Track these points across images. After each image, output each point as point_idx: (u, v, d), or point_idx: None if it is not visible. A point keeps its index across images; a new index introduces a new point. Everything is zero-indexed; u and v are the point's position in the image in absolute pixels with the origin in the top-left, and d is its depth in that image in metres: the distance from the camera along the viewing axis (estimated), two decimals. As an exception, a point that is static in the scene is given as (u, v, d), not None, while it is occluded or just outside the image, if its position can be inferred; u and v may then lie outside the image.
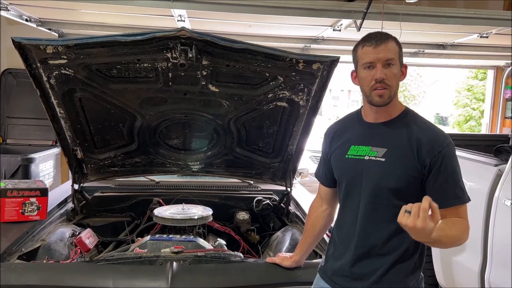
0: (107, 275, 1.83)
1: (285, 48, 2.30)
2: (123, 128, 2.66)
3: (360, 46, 1.62)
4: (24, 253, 2.15)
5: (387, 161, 1.59)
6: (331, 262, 1.76)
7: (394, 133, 1.62)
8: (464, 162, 3.30)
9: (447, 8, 3.60)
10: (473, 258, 2.98)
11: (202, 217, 2.59)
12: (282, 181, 3.01)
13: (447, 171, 1.56)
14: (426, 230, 1.31)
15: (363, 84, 1.62)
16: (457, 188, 1.57)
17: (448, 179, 1.56)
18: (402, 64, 1.63)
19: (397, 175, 1.57)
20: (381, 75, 1.56)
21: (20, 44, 2.05)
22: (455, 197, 1.57)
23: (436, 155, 1.55)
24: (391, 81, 1.57)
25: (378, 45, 1.56)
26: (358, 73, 1.65)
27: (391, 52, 1.57)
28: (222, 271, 1.93)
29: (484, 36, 4.31)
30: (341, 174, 1.73)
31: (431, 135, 1.59)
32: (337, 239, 1.76)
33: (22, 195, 2.44)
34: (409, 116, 1.66)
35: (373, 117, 1.68)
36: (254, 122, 2.67)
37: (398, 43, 1.62)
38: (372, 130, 1.68)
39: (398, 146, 1.59)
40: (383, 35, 1.60)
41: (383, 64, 1.56)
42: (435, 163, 1.55)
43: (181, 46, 2.03)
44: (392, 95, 1.60)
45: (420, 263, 1.66)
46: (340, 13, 3.50)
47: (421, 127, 1.62)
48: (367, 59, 1.58)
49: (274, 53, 2.13)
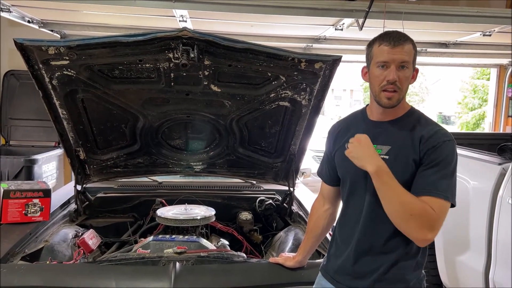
0: (109, 276, 1.83)
1: (287, 47, 2.28)
2: (125, 128, 2.66)
3: (377, 43, 1.60)
4: (27, 254, 2.15)
5: (391, 159, 1.58)
6: (333, 260, 1.76)
7: (398, 131, 1.62)
8: (468, 161, 3.29)
9: (450, 7, 3.60)
10: (477, 257, 2.96)
11: (205, 217, 2.59)
12: (284, 181, 3.01)
13: (437, 164, 1.52)
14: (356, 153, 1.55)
15: (374, 83, 1.61)
16: (441, 182, 1.51)
17: (434, 170, 1.52)
18: (414, 67, 1.62)
19: (400, 172, 1.56)
20: (394, 77, 1.54)
21: (22, 45, 2.05)
22: (434, 188, 1.50)
23: (430, 148, 1.54)
24: (402, 84, 1.57)
25: (396, 46, 1.55)
26: (371, 70, 1.63)
27: (407, 54, 1.56)
28: (225, 272, 1.93)
29: (487, 34, 4.30)
30: (345, 172, 1.73)
31: (432, 131, 1.58)
32: (339, 237, 1.75)
33: (25, 196, 2.45)
34: (414, 115, 1.66)
35: (378, 116, 1.68)
36: (256, 122, 2.66)
37: (415, 46, 1.60)
38: (376, 128, 1.67)
39: (401, 144, 1.59)
40: (402, 36, 1.58)
41: (397, 66, 1.55)
42: (428, 155, 1.54)
43: (183, 46, 2.02)
44: (401, 98, 1.60)
45: (422, 262, 1.65)
46: (342, 12, 3.49)
47: (424, 125, 1.61)
48: (382, 58, 1.56)
49: (276, 52, 2.12)
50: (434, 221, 1.48)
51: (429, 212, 1.47)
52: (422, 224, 1.48)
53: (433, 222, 1.48)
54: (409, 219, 1.48)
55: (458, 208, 1.60)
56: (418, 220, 1.47)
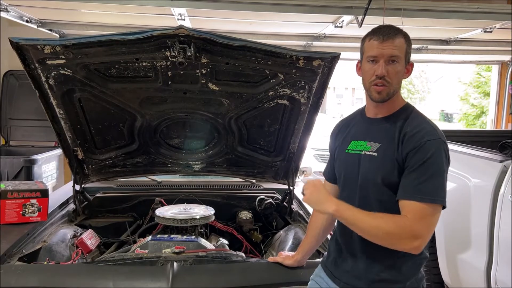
0: (107, 276, 1.81)
1: (286, 45, 2.27)
2: (123, 128, 2.65)
3: (367, 38, 1.60)
4: (24, 254, 2.14)
5: (378, 156, 1.58)
6: (332, 257, 1.77)
7: (389, 128, 1.60)
8: (469, 158, 3.26)
9: (450, 3, 3.57)
10: (478, 255, 2.94)
11: (204, 216, 2.57)
12: (284, 180, 3.00)
13: (419, 165, 1.48)
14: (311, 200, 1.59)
15: (365, 77, 1.62)
16: (425, 185, 1.46)
17: (418, 173, 1.47)
18: (408, 61, 1.60)
19: (385, 169, 1.55)
20: (382, 72, 1.54)
21: (18, 45, 2.04)
22: (418, 192, 1.46)
23: (413, 149, 1.50)
24: (392, 78, 1.55)
25: (385, 41, 1.54)
26: (362, 65, 1.64)
27: (397, 49, 1.55)
28: (223, 272, 1.91)
29: (488, 30, 4.28)
30: (340, 169, 1.74)
31: (416, 129, 1.54)
32: (338, 234, 1.76)
33: (23, 197, 2.43)
34: (407, 111, 1.64)
35: (373, 112, 1.68)
36: (255, 121, 2.65)
37: (407, 39, 1.59)
38: (370, 125, 1.67)
39: (389, 141, 1.58)
40: (393, 30, 1.57)
41: (387, 60, 1.54)
42: (410, 157, 1.49)
43: (179, 44, 2.00)
44: (391, 93, 1.58)
45: (421, 262, 1.62)
46: (341, 10, 3.48)
47: (410, 122, 1.58)
48: (371, 53, 1.56)
49: (274, 50, 2.10)
50: (411, 229, 1.44)
51: (399, 223, 1.45)
52: (399, 237, 1.46)
53: (409, 230, 1.45)
54: (388, 237, 1.47)
55: (459, 206, 1.58)
56: (396, 235, 1.46)
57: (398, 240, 1.46)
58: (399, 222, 1.46)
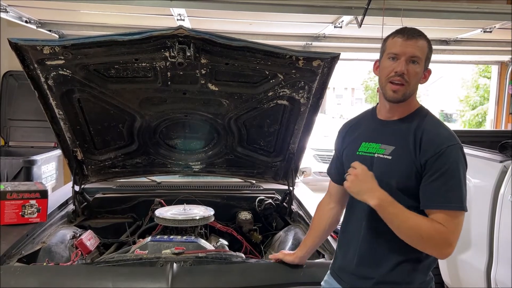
0: (106, 277, 1.81)
1: (286, 46, 2.27)
2: (123, 128, 2.64)
3: (391, 36, 1.60)
4: (24, 255, 2.13)
5: (393, 159, 1.56)
6: (339, 259, 1.76)
7: (403, 131, 1.59)
8: (469, 158, 3.23)
9: (450, 3, 3.57)
10: (478, 256, 2.94)
11: (204, 217, 2.57)
12: (284, 180, 2.99)
13: (442, 172, 1.48)
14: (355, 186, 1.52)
15: (382, 74, 1.60)
16: (452, 193, 1.48)
17: (441, 181, 1.48)
18: (427, 67, 1.60)
19: (400, 173, 1.54)
20: (401, 69, 1.53)
21: (16, 45, 2.03)
22: (446, 201, 1.47)
23: (433, 155, 1.50)
24: (410, 78, 1.54)
25: (409, 39, 1.54)
26: (381, 62, 1.62)
27: (419, 50, 1.55)
28: (223, 272, 1.91)
29: (488, 31, 4.28)
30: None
31: (433, 135, 1.54)
32: (344, 236, 1.75)
33: (22, 198, 2.42)
34: (421, 114, 1.62)
35: (386, 114, 1.66)
36: (254, 121, 2.64)
37: (430, 45, 1.59)
38: (383, 127, 1.65)
39: (404, 144, 1.56)
40: (417, 31, 1.58)
41: (408, 59, 1.54)
42: (431, 164, 1.50)
43: (179, 45, 2.00)
44: (407, 94, 1.57)
45: (429, 264, 1.61)
46: (341, 10, 3.49)
47: (427, 126, 1.57)
48: (394, 50, 1.56)
49: (273, 50, 2.10)
50: (448, 237, 1.46)
51: (439, 230, 1.45)
52: (435, 243, 1.47)
53: (446, 237, 1.46)
54: (421, 241, 1.47)
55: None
56: (431, 240, 1.47)
57: (434, 245, 1.48)
58: (440, 229, 1.45)
